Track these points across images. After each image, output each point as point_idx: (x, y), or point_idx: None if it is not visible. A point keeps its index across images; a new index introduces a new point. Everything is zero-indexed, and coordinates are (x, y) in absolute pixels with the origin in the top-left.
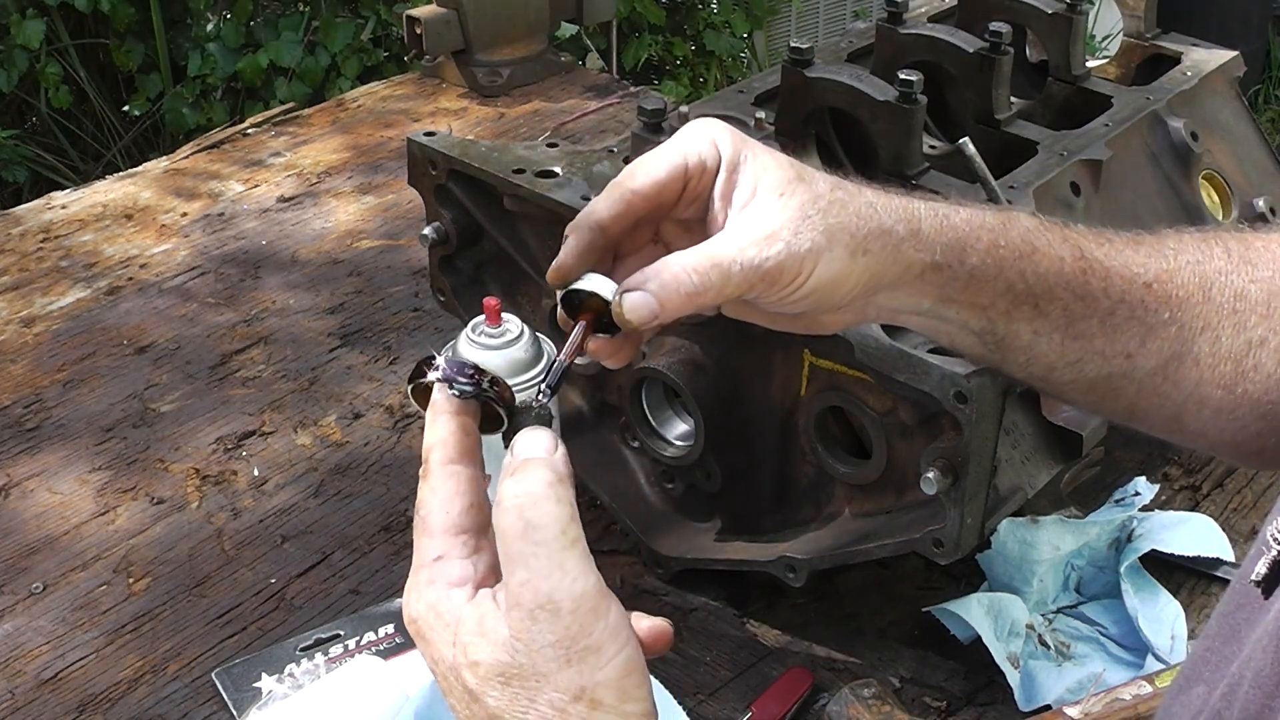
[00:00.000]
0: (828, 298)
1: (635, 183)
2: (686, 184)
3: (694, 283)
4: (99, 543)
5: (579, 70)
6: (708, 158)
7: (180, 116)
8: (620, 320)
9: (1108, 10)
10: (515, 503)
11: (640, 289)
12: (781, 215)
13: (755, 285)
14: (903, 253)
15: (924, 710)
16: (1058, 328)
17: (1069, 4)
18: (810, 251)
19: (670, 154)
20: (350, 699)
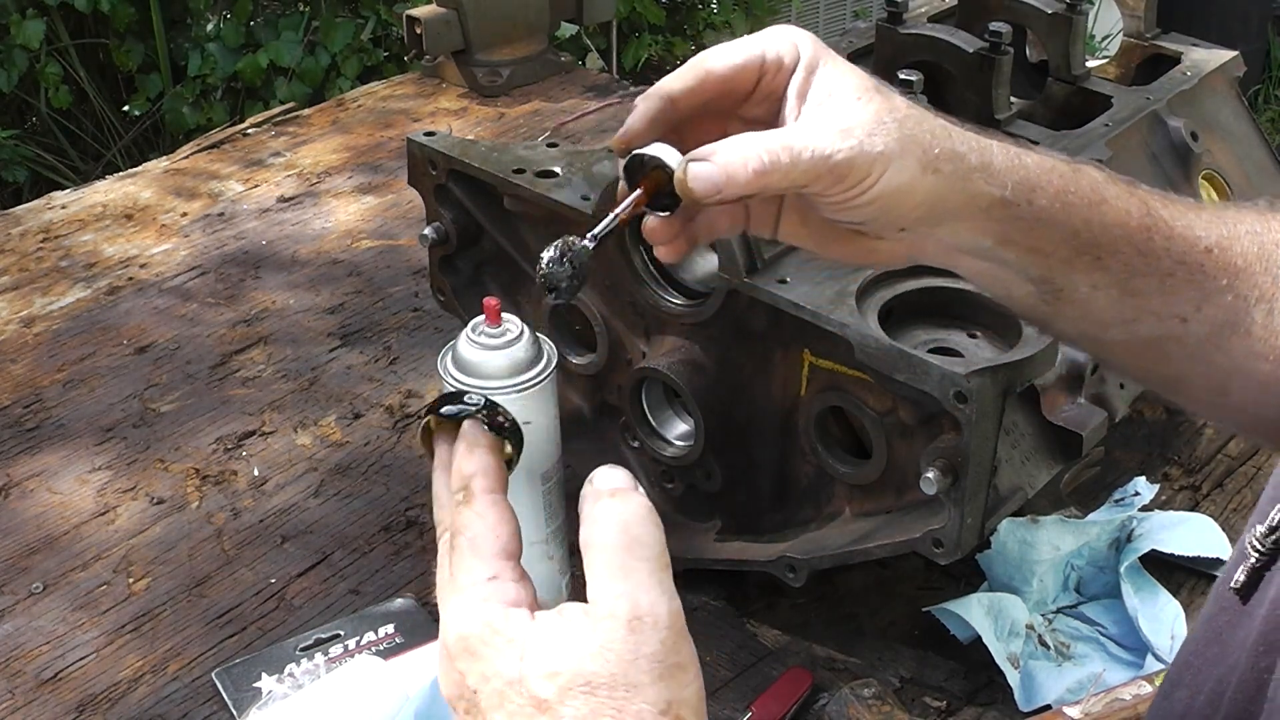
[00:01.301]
0: (892, 209)
1: (710, 62)
2: (761, 77)
3: (763, 160)
4: (99, 543)
5: (579, 70)
6: (786, 55)
7: (180, 116)
8: (682, 189)
9: (1108, 10)
10: (620, 519)
11: (707, 159)
12: (857, 115)
13: (822, 177)
14: (972, 181)
15: (924, 710)
16: (1116, 283)
17: (1069, 4)
18: (882, 155)
19: (749, 44)
20: (350, 699)
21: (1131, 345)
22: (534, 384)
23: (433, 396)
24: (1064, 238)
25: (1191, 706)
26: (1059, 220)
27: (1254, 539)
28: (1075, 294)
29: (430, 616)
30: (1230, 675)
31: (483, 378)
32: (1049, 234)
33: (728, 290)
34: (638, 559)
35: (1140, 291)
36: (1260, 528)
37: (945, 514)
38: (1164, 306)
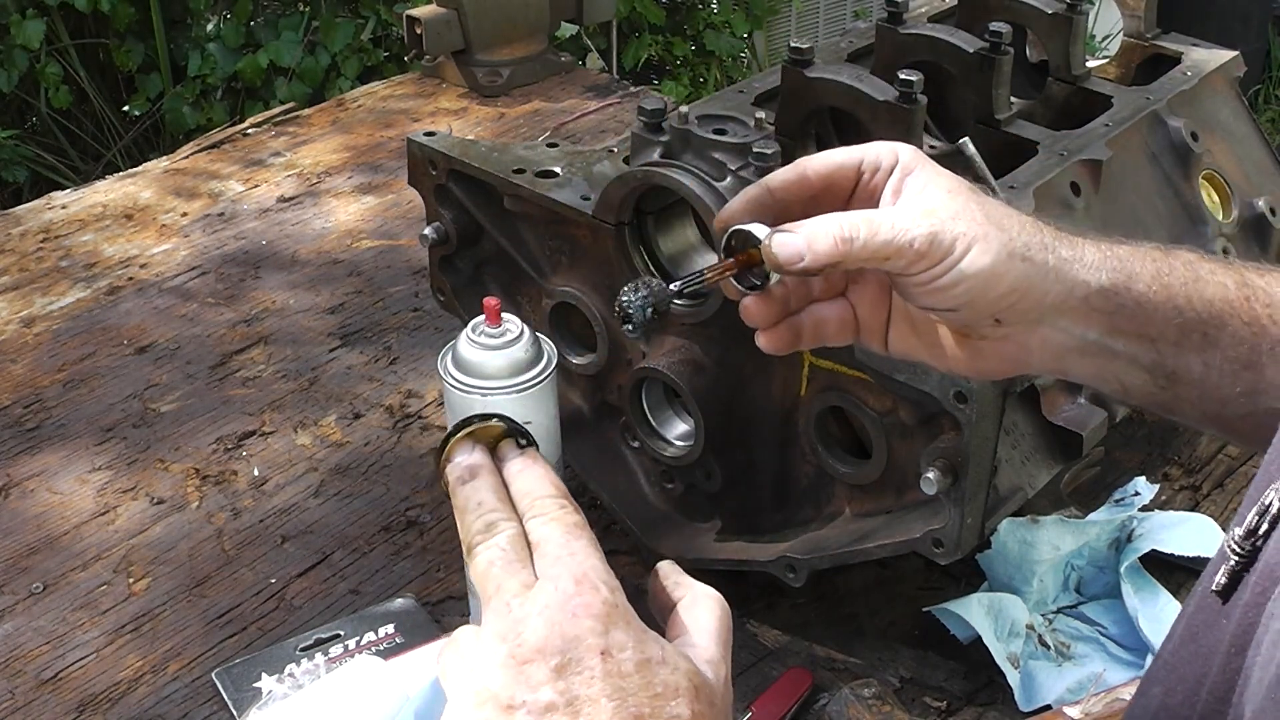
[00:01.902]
0: (981, 294)
1: (812, 161)
2: (860, 178)
3: (844, 230)
4: (99, 543)
5: (579, 70)
6: (884, 160)
7: (180, 116)
8: (768, 256)
9: (1108, 10)
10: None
11: (793, 230)
12: (944, 202)
13: (904, 252)
14: (1066, 271)
15: (924, 710)
16: (1228, 358)
17: (1069, 4)
18: (964, 234)
19: (852, 150)
20: (350, 699)
21: (1256, 418)
22: (534, 384)
23: (433, 397)
24: (1168, 319)
25: (1166, 704)
26: (1161, 302)
27: (1233, 541)
28: (1190, 374)
29: (430, 616)
30: (1205, 675)
31: (483, 378)
32: (1153, 317)
33: None
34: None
35: (1254, 363)
36: (1239, 530)
37: (945, 514)
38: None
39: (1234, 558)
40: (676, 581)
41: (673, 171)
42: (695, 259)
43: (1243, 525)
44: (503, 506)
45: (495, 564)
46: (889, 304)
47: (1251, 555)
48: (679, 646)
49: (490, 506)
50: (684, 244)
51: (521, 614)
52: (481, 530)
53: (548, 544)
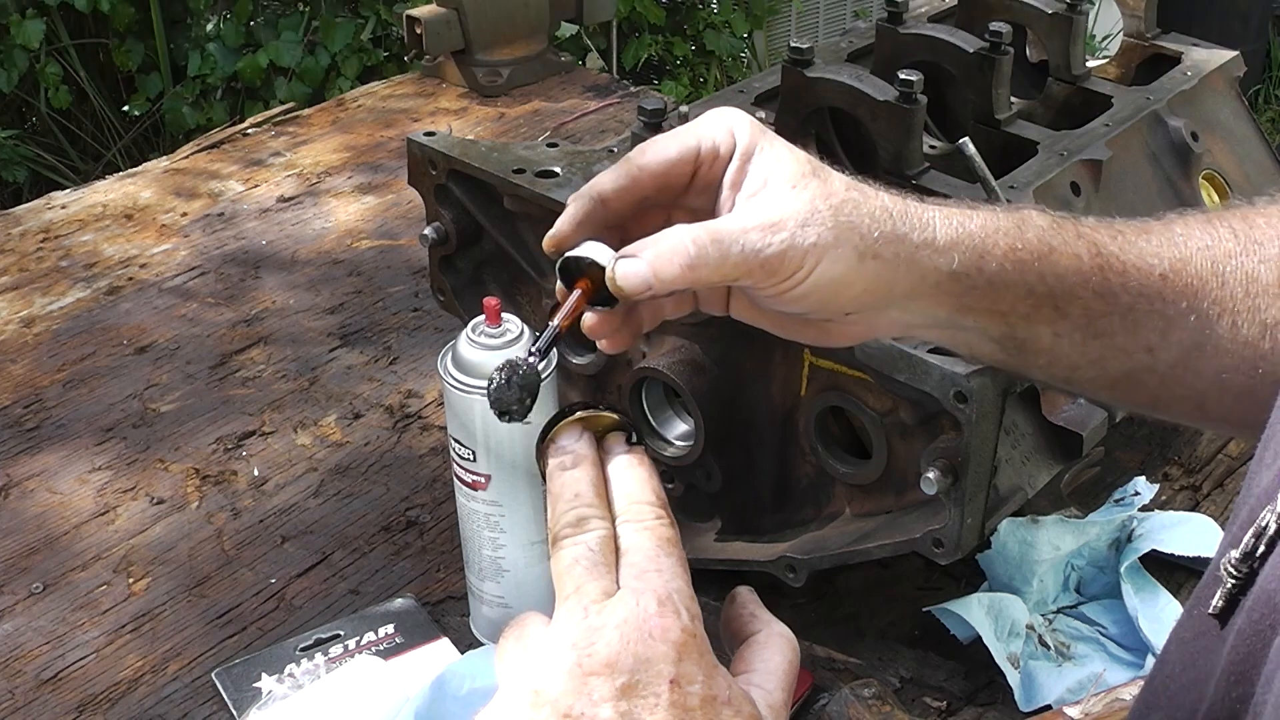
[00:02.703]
0: (831, 300)
1: (643, 159)
2: (697, 169)
3: (690, 254)
4: (99, 543)
5: (579, 70)
6: (721, 145)
7: (180, 116)
8: (614, 287)
9: (1108, 10)
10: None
11: (636, 255)
12: (790, 206)
13: (754, 271)
14: (918, 261)
15: (924, 710)
16: (1078, 327)
17: (1069, 4)
18: (814, 246)
19: (683, 136)
20: (350, 699)
21: (1102, 381)
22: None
23: (433, 397)
24: (1020, 296)
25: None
26: (1012, 280)
27: (1229, 564)
28: (1039, 344)
29: (430, 616)
30: (1202, 702)
31: (483, 378)
32: (1004, 294)
33: None
34: None
35: (1104, 332)
36: (1234, 553)
37: (945, 514)
38: (1129, 341)
39: (1230, 580)
40: (754, 614)
41: None
42: None
43: (1239, 548)
44: (599, 503)
45: (580, 562)
46: None
47: (1249, 578)
48: (745, 684)
49: (586, 500)
50: None
51: (598, 623)
52: (572, 524)
53: (636, 554)
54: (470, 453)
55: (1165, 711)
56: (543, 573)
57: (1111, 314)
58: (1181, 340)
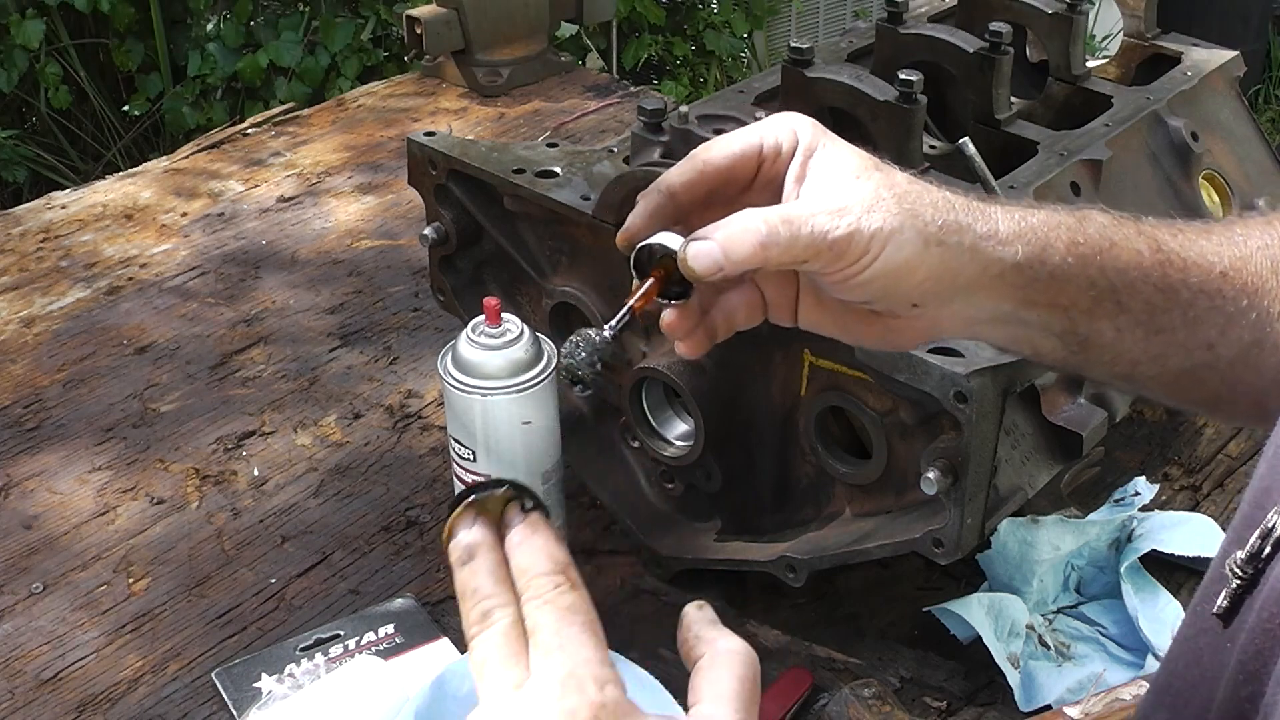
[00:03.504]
0: (896, 286)
1: (709, 154)
2: (761, 164)
3: (762, 234)
4: (99, 543)
5: (579, 70)
6: (784, 142)
7: (180, 116)
8: (685, 268)
9: (1108, 10)
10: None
11: (708, 238)
12: (855, 193)
13: (823, 253)
14: (981, 250)
15: (924, 710)
16: (1140, 323)
17: (1069, 4)
18: (880, 230)
19: (748, 134)
20: (350, 699)
21: (1164, 378)
22: (534, 384)
23: (433, 397)
24: (1082, 289)
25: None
26: (1074, 273)
27: (1234, 564)
28: (1102, 339)
29: (430, 616)
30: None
31: (483, 378)
32: (1067, 288)
33: None
34: None
35: (1165, 327)
36: (1240, 554)
37: (945, 514)
38: (1190, 338)
39: (1236, 581)
40: (699, 636)
41: None
42: None
43: (1245, 548)
44: (500, 590)
45: (489, 659)
46: (796, 282)
47: (1254, 579)
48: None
49: (486, 593)
50: None
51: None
52: (478, 620)
53: (540, 633)
54: (470, 453)
55: (1171, 711)
56: None
57: (1172, 309)
58: (1242, 337)
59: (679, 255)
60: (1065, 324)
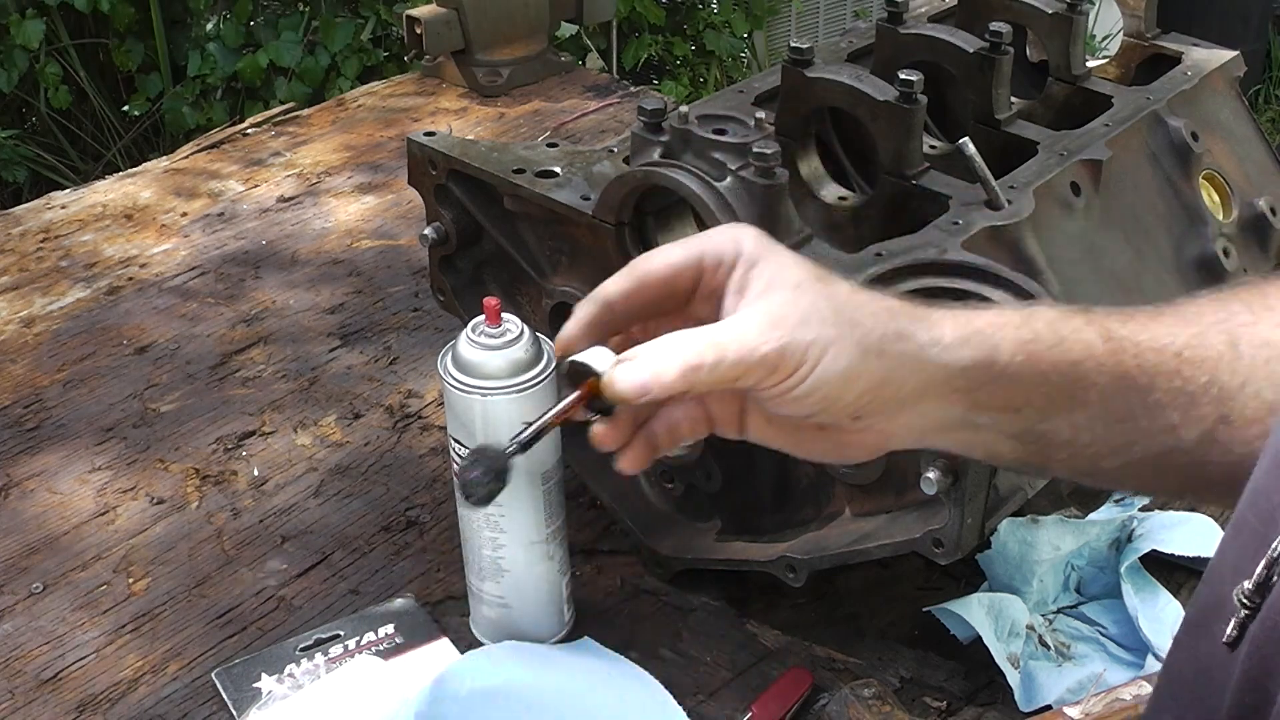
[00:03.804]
0: (836, 399)
1: (648, 265)
2: (702, 275)
3: (687, 358)
4: (99, 543)
5: (579, 70)
6: (726, 254)
7: (180, 116)
8: (609, 391)
9: (1108, 10)
10: None
11: (634, 359)
12: (793, 306)
13: (754, 370)
14: (925, 358)
15: (924, 710)
16: (1098, 416)
17: (1069, 4)
18: (815, 342)
19: (690, 245)
20: (350, 699)
21: (1130, 469)
22: (534, 384)
23: (433, 397)
24: (1034, 388)
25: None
26: (1025, 373)
27: (1242, 595)
28: (1059, 437)
29: (430, 616)
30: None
31: (483, 378)
32: (1018, 389)
33: None
34: None
35: (1125, 416)
36: (1248, 584)
37: (945, 514)
38: (1152, 423)
39: (1244, 610)
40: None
41: (673, 171)
42: None
43: (1251, 579)
44: None
45: None
46: (742, 397)
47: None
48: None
49: None
50: None
51: None
52: None
53: None
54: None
55: (1174, 713)
56: (543, 572)
57: (1130, 397)
58: (1205, 415)
59: (604, 377)
60: (1020, 425)
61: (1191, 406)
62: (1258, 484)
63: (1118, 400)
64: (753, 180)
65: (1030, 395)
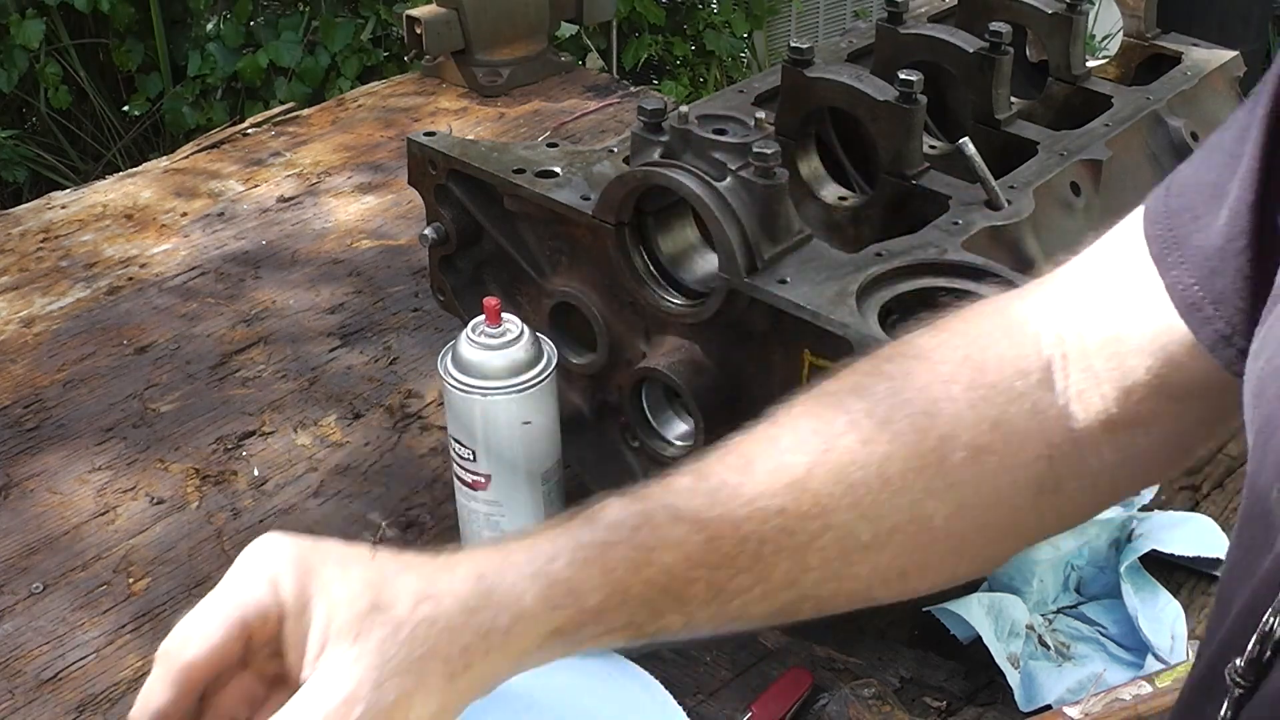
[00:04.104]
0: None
1: (188, 653)
2: (251, 637)
3: None
4: (99, 543)
5: (579, 70)
6: (268, 606)
7: (180, 116)
8: None
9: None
10: None
11: None
12: (358, 667)
13: None
14: (512, 645)
15: (924, 710)
16: (706, 603)
17: (1069, 4)
18: (399, 700)
19: (225, 609)
20: None
21: (754, 622)
22: (534, 384)
23: (433, 397)
24: (632, 609)
25: None
26: (617, 601)
27: (1234, 673)
28: (672, 629)
29: None
30: None
31: (483, 378)
32: (615, 616)
33: (728, 290)
34: None
35: (738, 592)
36: (1239, 661)
37: None
38: (769, 586)
39: (1239, 690)
40: None
41: (673, 171)
42: (695, 259)
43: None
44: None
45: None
46: None
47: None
48: None
49: None
50: (684, 244)
51: None
52: None
53: None
54: (470, 453)
55: None
56: None
57: (737, 574)
58: (825, 556)
59: None
60: (628, 635)
61: (808, 554)
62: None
63: (725, 583)
64: (753, 180)
65: (631, 616)
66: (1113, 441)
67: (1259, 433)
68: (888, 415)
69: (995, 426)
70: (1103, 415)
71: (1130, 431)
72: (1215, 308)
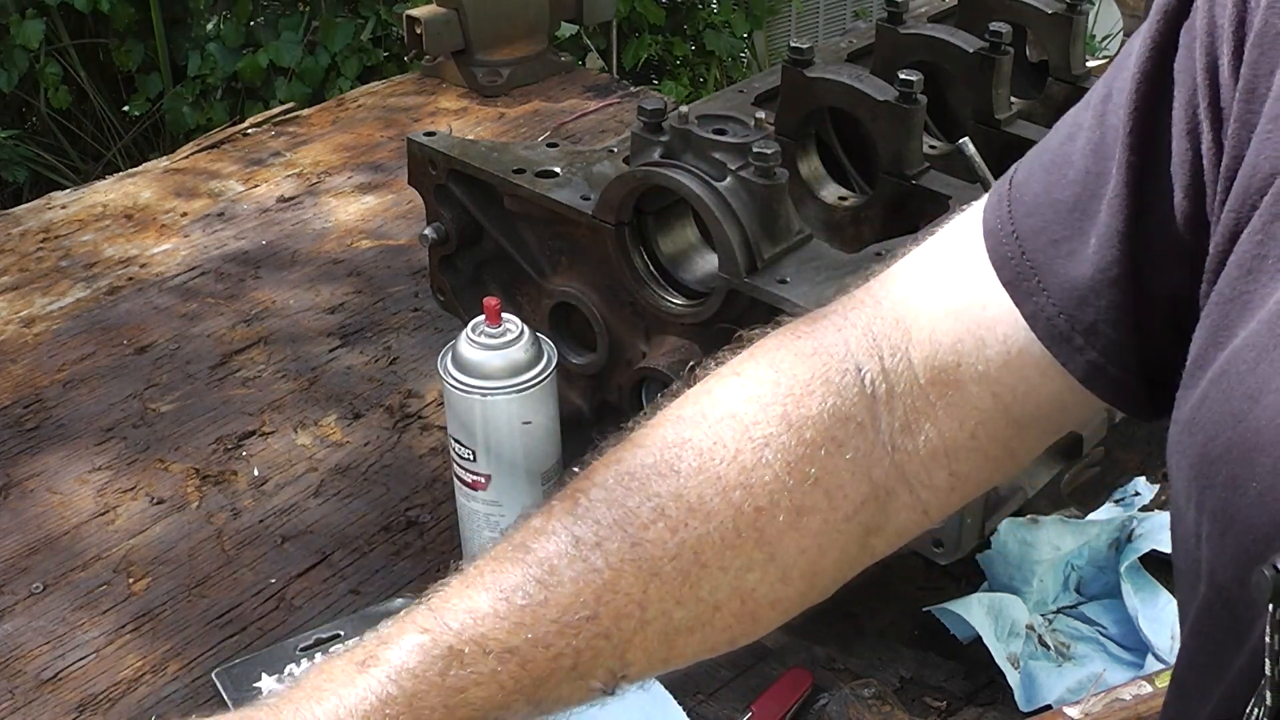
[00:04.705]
0: None
1: None
2: None
3: None
4: (99, 543)
5: (579, 70)
6: None
7: (180, 116)
8: None
9: (1108, 10)
10: None
11: None
12: None
13: None
14: None
15: (924, 710)
16: (529, 715)
17: (1069, 4)
18: None
19: None
20: None
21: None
22: (534, 384)
23: (433, 397)
24: None
25: None
26: None
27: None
28: None
29: None
30: None
31: (483, 378)
32: None
33: (728, 290)
34: None
35: (561, 699)
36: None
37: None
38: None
39: None
40: None
41: (673, 171)
42: (695, 259)
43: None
44: None
45: None
46: None
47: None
48: None
49: None
50: (684, 244)
51: None
52: None
53: None
54: (470, 453)
55: None
56: None
57: (559, 685)
58: (649, 648)
59: None
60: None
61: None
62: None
63: (545, 699)
64: (752, 180)
65: None
66: (945, 468)
67: (1214, 522)
68: (699, 497)
69: (816, 484)
70: (935, 444)
71: (965, 457)
72: (1085, 338)
